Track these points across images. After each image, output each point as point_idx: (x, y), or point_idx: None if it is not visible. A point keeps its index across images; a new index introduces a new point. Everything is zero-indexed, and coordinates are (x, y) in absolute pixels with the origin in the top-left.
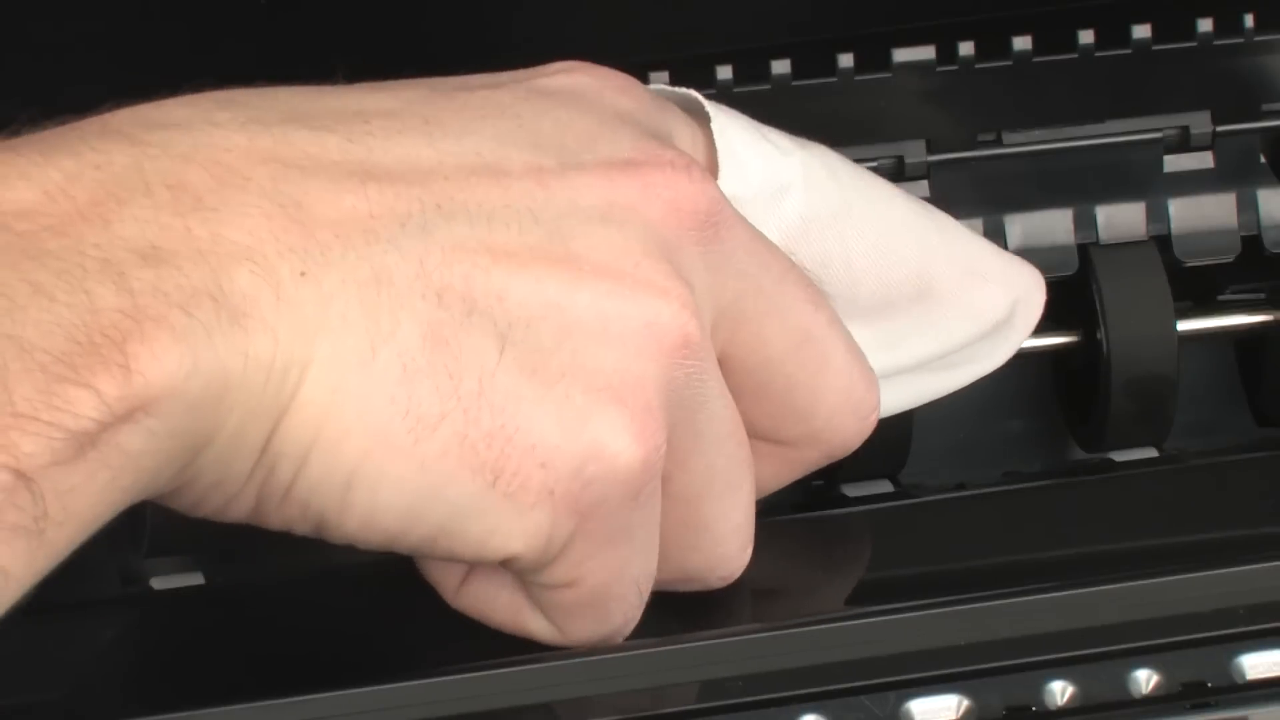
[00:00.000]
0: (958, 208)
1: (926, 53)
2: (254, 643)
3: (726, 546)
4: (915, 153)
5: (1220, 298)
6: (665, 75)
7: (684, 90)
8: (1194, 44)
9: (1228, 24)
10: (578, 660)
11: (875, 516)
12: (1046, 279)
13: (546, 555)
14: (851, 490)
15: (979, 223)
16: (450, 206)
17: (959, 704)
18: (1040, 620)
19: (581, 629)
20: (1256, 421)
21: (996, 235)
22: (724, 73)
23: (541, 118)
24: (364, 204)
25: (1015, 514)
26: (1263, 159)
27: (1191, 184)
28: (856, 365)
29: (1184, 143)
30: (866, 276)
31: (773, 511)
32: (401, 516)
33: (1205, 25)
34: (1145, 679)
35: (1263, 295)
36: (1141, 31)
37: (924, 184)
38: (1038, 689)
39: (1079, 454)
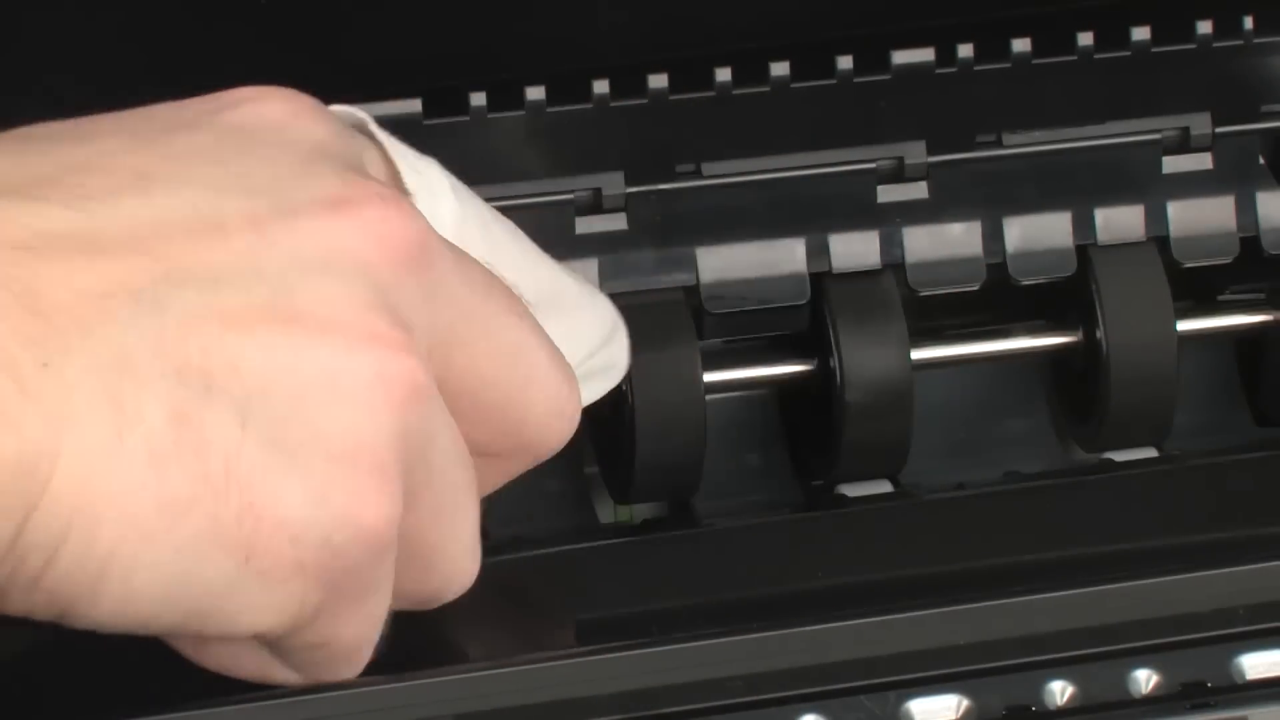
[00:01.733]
0: (957, 209)
1: (925, 54)
2: None
3: (459, 563)
4: (915, 154)
5: (1220, 298)
6: (665, 76)
7: (347, 109)
8: (1193, 46)
9: (1227, 26)
10: (578, 660)
11: (875, 516)
12: (1046, 280)
13: (295, 626)
14: (851, 490)
15: (978, 224)
16: (178, 274)
17: (959, 704)
18: (1040, 620)
19: (328, 673)
20: (1256, 421)
21: (996, 236)
22: (723, 74)
23: (246, 158)
24: (97, 283)
25: (1015, 514)
26: (1262, 160)
27: (1191, 185)
28: (559, 369)
29: (1183, 144)
30: (516, 288)
31: (773, 511)
32: (155, 601)
33: (1205, 27)
34: (1145, 679)
35: (1262, 295)
36: (1141, 33)
37: (923, 185)
38: (1038, 689)
39: (1079, 454)
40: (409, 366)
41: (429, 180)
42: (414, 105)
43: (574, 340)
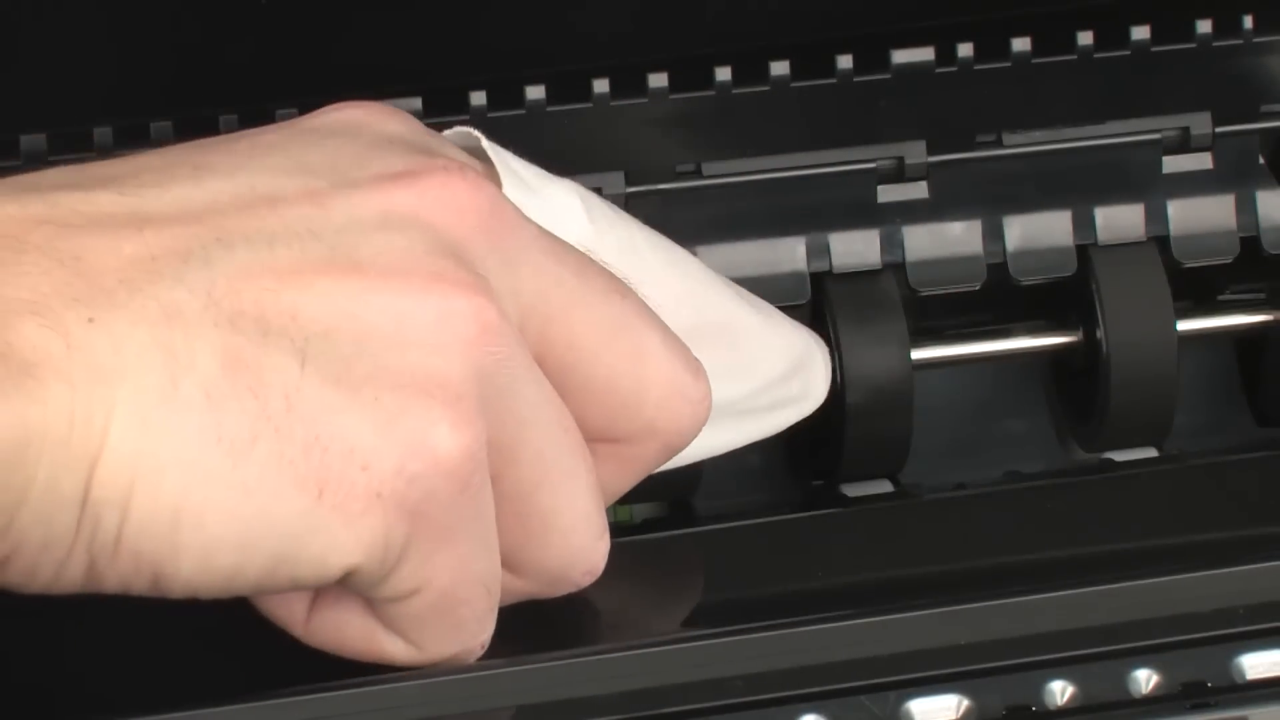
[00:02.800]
0: (957, 208)
1: (926, 54)
2: (255, 641)
3: (578, 538)
4: (915, 154)
5: (1220, 298)
6: (664, 76)
7: (464, 130)
8: (1193, 45)
9: (1227, 25)
10: (578, 660)
11: (875, 516)
12: (1045, 280)
13: (386, 563)
14: (851, 490)
15: (979, 223)
16: (229, 238)
17: (959, 704)
18: (1040, 620)
19: (436, 641)
20: (1256, 421)
21: (996, 236)
22: (723, 74)
23: (310, 149)
24: (143, 249)
25: (1015, 514)
26: (1262, 160)
27: (1191, 185)
28: (677, 351)
29: (1183, 144)
30: (662, 312)
31: (773, 511)
32: (235, 548)
33: (1205, 27)
34: (1145, 679)
35: (1262, 295)
36: (1141, 33)
37: (923, 185)
38: (1038, 689)
39: (1079, 454)
40: (478, 305)
41: (552, 197)
42: (414, 105)
43: (745, 372)
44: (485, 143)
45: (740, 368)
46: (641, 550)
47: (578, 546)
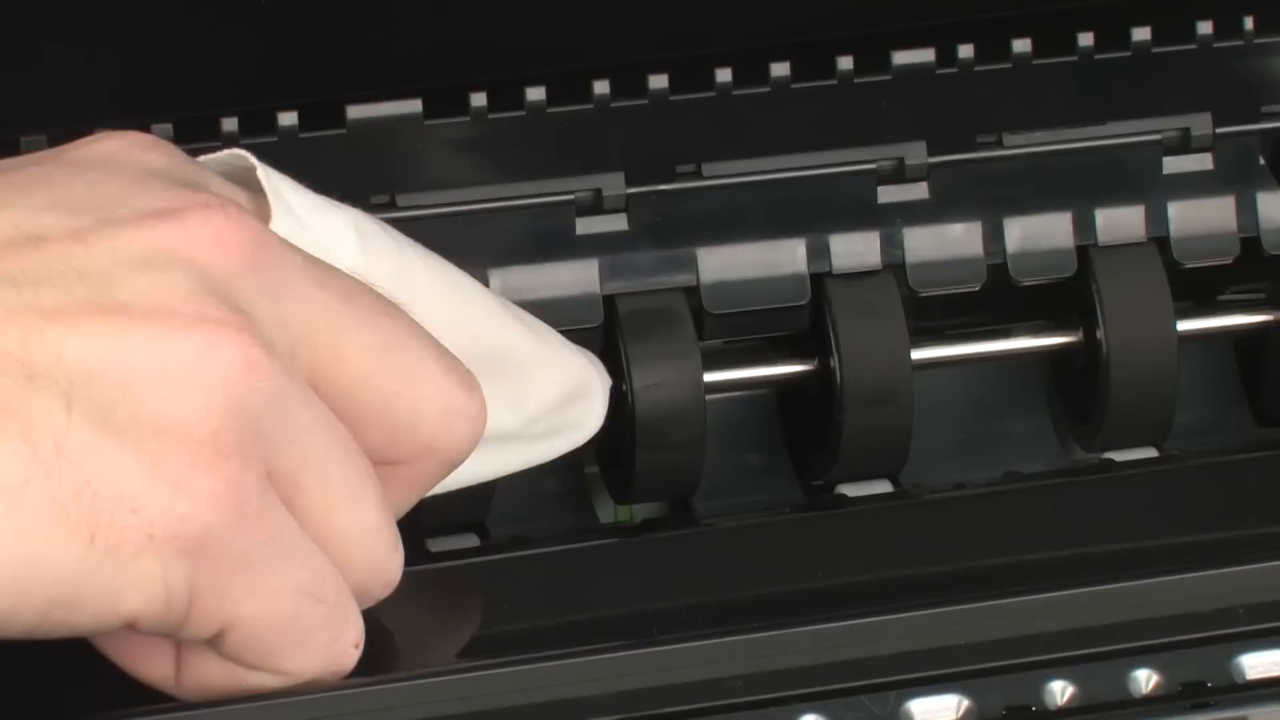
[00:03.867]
0: (957, 209)
1: (926, 55)
2: None
3: (373, 554)
4: (915, 154)
5: (1220, 298)
6: (665, 76)
7: (230, 151)
8: (1194, 46)
9: (1227, 26)
10: (578, 660)
11: (875, 516)
12: (1046, 280)
13: (173, 605)
14: (851, 490)
15: (979, 224)
16: None
17: (959, 704)
18: (1040, 620)
19: (293, 660)
20: (1256, 421)
21: (996, 237)
22: (723, 75)
23: (73, 185)
24: None
25: (1015, 514)
26: (1262, 161)
27: (1191, 186)
28: (450, 368)
29: (1184, 144)
30: (438, 336)
31: (773, 511)
32: (8, 592)
33: (1205, 27)
34: (1145, 679)
35: (1263, 295)
36: (1141, 34)
37: (923, 185)
38: (1038, 689)
39: (1079, 454)
40: (241, 342)
41: (321, 225)
42: (414, 105)
43: (519, 399)
44: (260, 169)
45: (514, 394)
46: (641, 550)
47: (373, 561)
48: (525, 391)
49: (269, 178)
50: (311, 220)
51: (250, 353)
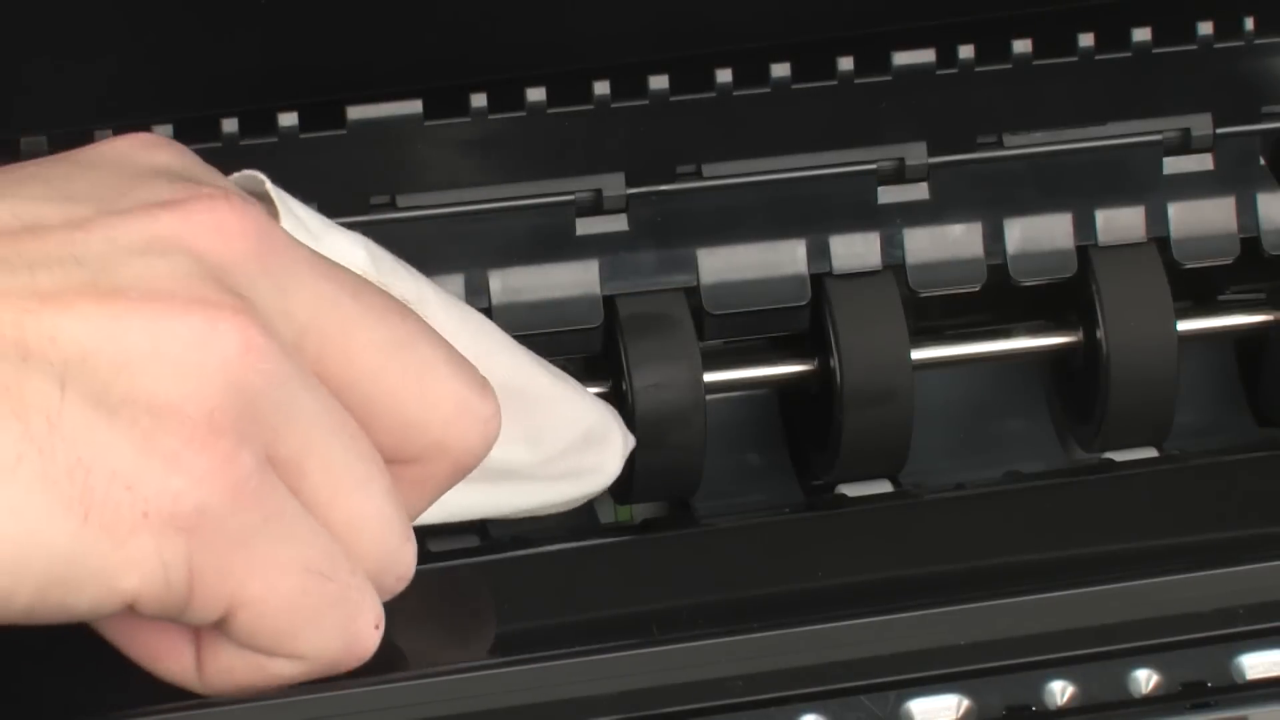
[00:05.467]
0: (958, 210)
1: (926, 55)
2: None
3: (382, 542)
4: (915, 155)
5: (1220, 298)
6: (665, 77)
7: (244, 173)
8: (1194, 47)
9: (1228, 26)
10: (578, 660)
11: (875, 516)
12: (1046, 281)
13: (172, 584)
14: (851, 490)
15: (979, 225)
16: None
17: (959, 704)
18: (1040, 620)
19: (310, 643)
20: (1256, 421)
21: (996, 237)
22: (723, 75)
23: (74, 179)
24: None
25: (1015, 514)
26: (1262, 161)
27: (1191, 186)
28: (462, 368)
29: (1184, 145)
30: None
31: (773, 511)
32: (4, 570)
33: (1205, 28)
34: (1145, 679)
35: (1263, 295)
36: (1142, 34)
37: (924, 186)
38: (1038, 689)
39: (1079, 454)
40: (239, 324)
41: (333, 244)
42: (415, 106)
43: (534, 437)
44: (269, 186)
45: (532, 429)
46: (641, 550)
47: (383, 552)
48: (543, 427)
49: (280, 196)
50: (324, 237)
51: (249, 334)
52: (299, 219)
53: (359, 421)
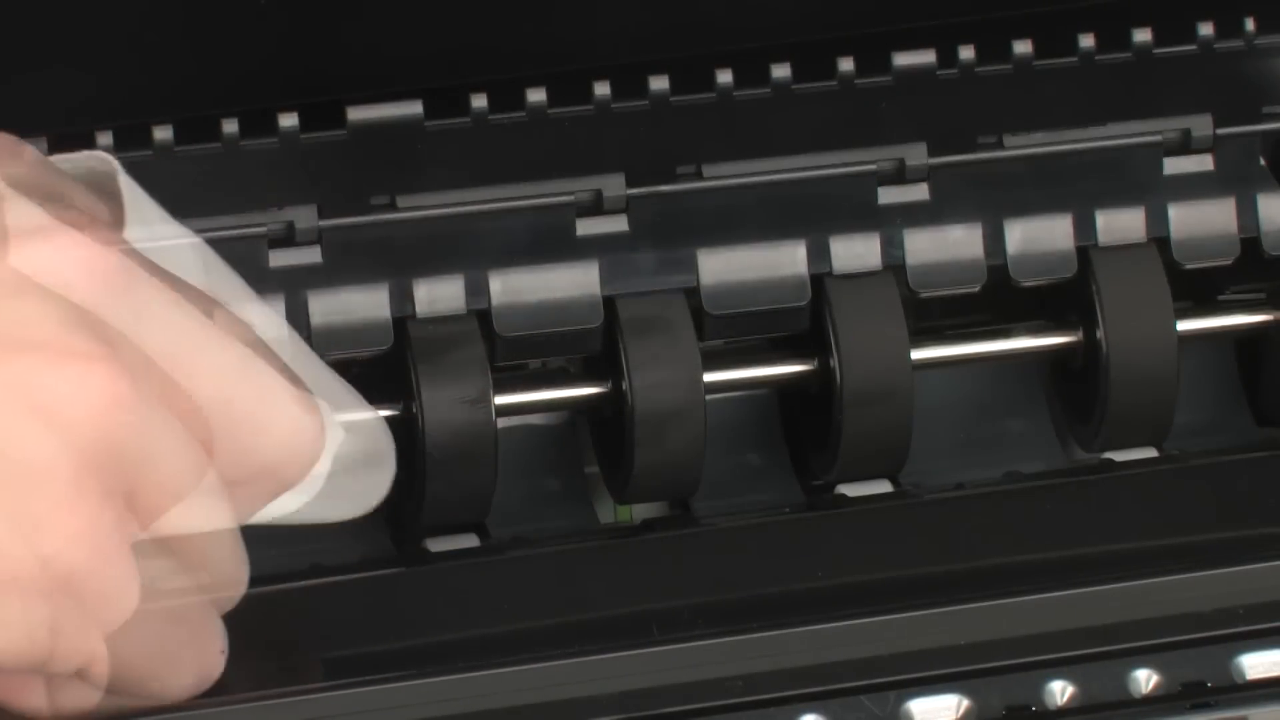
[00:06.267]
0: (958, 210)
1: (927, 56)
2: (255, 641)
3: (228, 570)
4: (916, 156)
5: (1220, 298)
6: (665, 78)
7: (89, 153)
8: (1194, 47)
9: (1228, 27)
10: (578, 660)
11: (875, 516)
12: (1046, 282)
13: (37, 644)
14: (851, 490)
15: (979, 226)
16: None
17: (959, 704)
18: (1040, 620)
19: (166, 684)
20: (1256, 421)
21: (996, 238)
22: (724, 76)
23: None
24: None
25: (1015, 514)
26: (1263, 162)
27: (1192, 187)
28: (294, 393)
29: (1184, 145)
30: None
31: (773, 511)
32: None
33: (1206, 29)
34: (1145, 679)
35: (1263, 295)
36: (1142, 35)
37: (924, 186)
38: (1038, 689)
39: (1079, 454)
40: (110, 377)
41: (176, 242)
42: (415, 108)
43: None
44: (121, 176)
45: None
46: (642, 550)
47: (225, 577)
48: (330, 445)
49: (129, 187)
50: (164, 232)
51: (118, 387)
52: (143, 217)
53: (202, 444)
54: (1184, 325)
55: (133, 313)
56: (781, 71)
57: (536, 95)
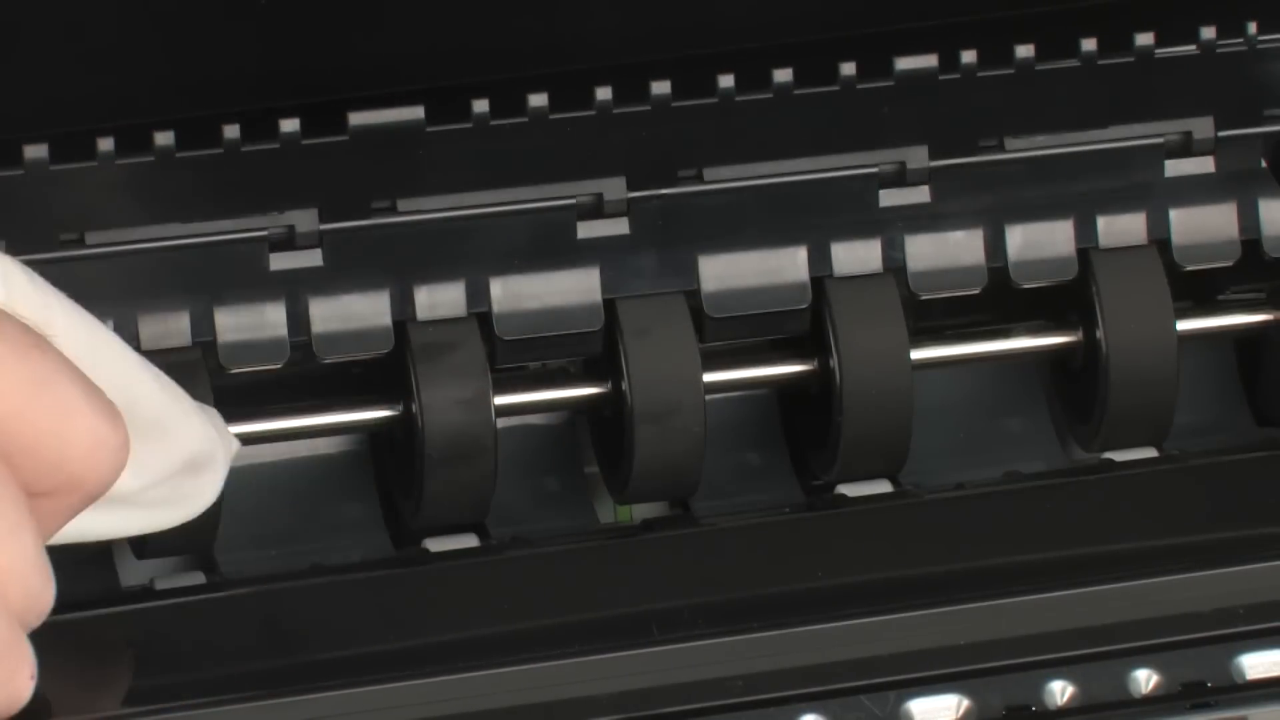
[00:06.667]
0: (959, 213)
1: (928, 60)
2: (255, 641)
3: (32, 588)
4: (917, 159)
5: (1220, 298)
6: (667, 81)
7: None
8: (1196, 50)
9: (1230, 30)
10: (578, 660)
11: (875, 516)
12: (1046, 284)
13: None
14: (851, 490)
15: (980, 229)
16: None
17: (959, 704)
18: (1040, 620)
19: None
20: (1256, 421)
21: (997, 241)
22: (725, 80)
23: None
24: None
25: (1015, 514)
26: (1264, 164)
27: (1193, 189)
28: (97, 401)
29: (1186, 148)
30: None
31: (773, 511)
32: None
33: (1208, 31)
34: (1145, 679)
35: (1262, 295)
36: (1144, 38)
37: (925, 189)
38: (1038, 689)
39: (1079, 454)
40: None
41: None
42: (417, 112)
43: (142, 466)
44: None
45: (138, 459)
46: (641, 550)
47: (29, 595)
48: (148, 457)
49: None
50: None
51: None
52: None
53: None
54: (1184, 325)
55: None
56: (783, 75)
57: (538, 98)
